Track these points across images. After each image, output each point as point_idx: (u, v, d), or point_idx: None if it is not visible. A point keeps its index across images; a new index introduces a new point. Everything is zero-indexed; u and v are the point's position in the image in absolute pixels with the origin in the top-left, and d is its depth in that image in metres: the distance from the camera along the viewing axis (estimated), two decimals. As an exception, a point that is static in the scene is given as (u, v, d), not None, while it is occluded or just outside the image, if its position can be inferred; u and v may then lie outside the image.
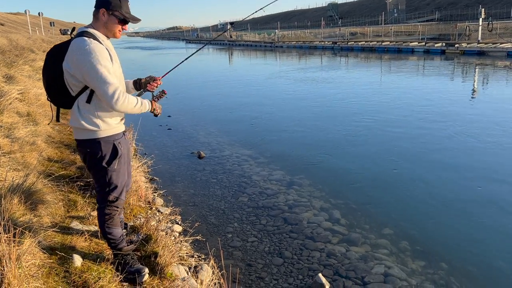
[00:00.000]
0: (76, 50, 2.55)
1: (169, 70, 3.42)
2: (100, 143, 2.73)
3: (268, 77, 20.40)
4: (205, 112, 12.20)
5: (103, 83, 2.54)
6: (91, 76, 2.54)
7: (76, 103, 2.69)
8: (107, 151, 2.77)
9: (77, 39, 2.59)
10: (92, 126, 2.69)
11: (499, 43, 28.31)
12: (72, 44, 2.59)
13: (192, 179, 6.51)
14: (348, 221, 4.95)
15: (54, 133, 6.62)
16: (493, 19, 33.08)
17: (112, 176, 2.82)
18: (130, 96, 2.69)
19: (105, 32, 2.72)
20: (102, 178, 2.82)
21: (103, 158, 2.76)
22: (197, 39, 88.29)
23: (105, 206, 2.89)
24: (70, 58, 2.59)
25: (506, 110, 10.82)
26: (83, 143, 2.77)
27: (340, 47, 40.81)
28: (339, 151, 7.74)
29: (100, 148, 2.74)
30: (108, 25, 2.69)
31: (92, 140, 2.73)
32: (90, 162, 2.82)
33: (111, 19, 2.68)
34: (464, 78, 18.18)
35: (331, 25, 76.40)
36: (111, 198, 2.87)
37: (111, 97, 2.55)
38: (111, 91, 2.55)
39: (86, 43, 2.55)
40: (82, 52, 2.53)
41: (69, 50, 2.60)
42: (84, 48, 2.53)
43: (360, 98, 13.49)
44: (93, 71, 2.52)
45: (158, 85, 3.15)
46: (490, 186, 5.90)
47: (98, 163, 2.78)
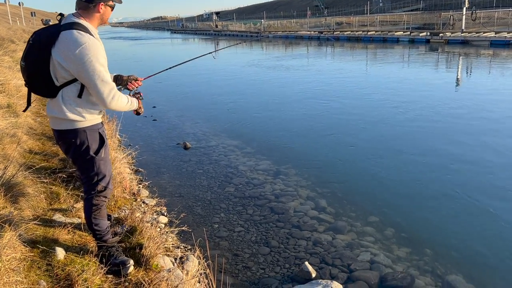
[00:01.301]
0: (73, 46, 2.48)
1: (152, 74, 3.42)
2: (86, 132, 2.71)
3: (250, 65, 20.30)
4: (190, 103, 12.10)
5: (100, 83, 2.53)
6: (89, 75, 2.51)
7: (60, 93, 2.62)
8: (94, 140, 2.76)
9: (71, 33, 2.50)
10: (77, 116, 2.65)
11: (482, 32, 28.61)
12: (66, 37, 2.50)
13: (178, 170, 6.46)
14: (334, 210, 4.97)
15: (35, 125, 6.48)
16: (476, 9, 33.37)
17: (100, 165, 2.81)
18: (122, 94, 2.71)
19: (99, 23, 2.72)
20: (90, 168, 2.80)
21: (89, 147, 2.74)
22: (182, 29, 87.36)
23: (93, 196, 2.85)
24: (64, 52, 2.50)
25: (489, 97, 10.95)
26: (66, 133, 2.71)
27: (326, 37, 40.79)
28: (325, 141, 7.75)
29: (87, 137, 2.71)
30: (104, 16, 2.71)
31: (76, 130, 2.69)
32: (75, 153, 2.76)
33: (107, 10, 2.70)
34: (448, 67, 18.34)
35: (317, 14, 76.31)
36: (100, 188, 2.85)
37: (107, 96, 2.57)
38: (107, 91, 2.56)
39: (83, 39, 2.49)
40: (80, 50, 2.47)
41: (62, 42, 2.51)
42: (81, 45, 2.47)
43: (352, 88, 13.51)
44: (91, 71, 2.50)
45: (139, 86, 3.13)
46: (473, 173, 5.97)
47: (85, 153, 2.74)
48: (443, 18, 35.00)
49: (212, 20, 76.10)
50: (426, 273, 3.76)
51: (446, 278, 3.68)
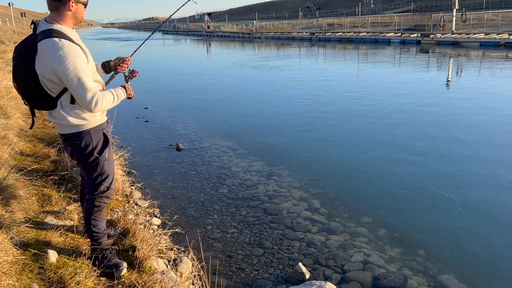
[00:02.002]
0: (49, 56, 2.43)
1: (136, 49, 3.34)
2: (91, 133, 2.71)
3: (245, 66, 20.31)
4: (183, 103, 12.06)
5: (81, 90, 2.47)
6: (69, 83, 2.47)
7: (59, 103, 2.61)
8: (98, 140, 2.76)
9: (47, 42, 2.45)
10: (80, 120, 2.66)
11: (472, 33, 28.88)
12: (43, 47, 2.45)
13: (171, 171, 6.44)
14: (327, 210, 4.98)
15: (26, 127, 6.42)
16: (466, 10, 33.69)
17: (104, 165, 2.82)
18: (107, 94, 2.63)
19: (74, 22, 2.64)
20: (94, 169, 2.80)
21: (94, 148, 2.75)
22: (174, 30, 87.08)
23: (95, 197, 2.86)
24: (44, 63, 2.47)
25: (479, 97, 11.06)
26: (71, 136, 2.71)
27: (318, 38, 40.92)
28: (318, 141, 7.77)
29: (91, 138, 2.72)
30: (77, 14, 2.62)
31: (81, 133, 2.69)
32: (80, 154, 2.76)
33: (79, 7, 2.61)
34: (439, 67, 18.49)
35: (309, 16, 76.54)
36: (103, 188, 2.85)
37: (90, 103, 2.51)
38: (89, 97, 2.49)
39: (58, 46, 2.43)
40: (56, 58, 2.41)
41: (40, 54, 2.47)
42: (57, 53, 2.41)
43: (347, 90, 13.56)
44: (71, 78, 2.44)
45: (128, 65, 3.07)
46: (465, 172, 6.03)
47: (89, 154, 2.75)
48: (434, 19, 35.27)
49: (204, 21, 75.98)
50: (418, 273, 3.79)
51: (439, 278, 3.70)
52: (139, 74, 3.08)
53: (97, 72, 2.86)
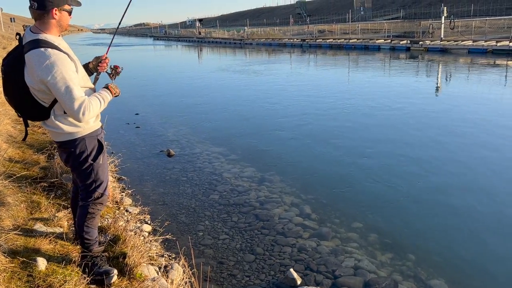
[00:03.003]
0: (37, 66, 2.41)
1: (109, 45, 3.30)
2: (85, 140, 2.71)
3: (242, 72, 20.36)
4: (174, 109, 12.03)
5: (68, 99, 2.45)
6: (56, 92, 2.45)
7: (52, 112, 2.60)
8: (93, 147, 2.76)
9: (34, 52, 2.43)
10: (74, 128, 2.65)
11: (461, 40, 29.27)
12: (30, 59, 2.43)
13: (162, 177, 6.41)
14: (319, 216, 5.00)
15: (15, 133, 6.36)
16: (454, 18, 34.16)
17: (98, 172, 2.81)
18: (93, 100, 2.58)
19: (59, 30, 2.61)
20: (88, 175, 2.79)
21: (89, 155, 2.74)
22: (165, 36, 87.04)
23: (89, 204, 2.85)
24: (32, 75, 2.45)
25: (469, 104, 11.20)
26: (65, 143, 2.71)
27: (308, 45, 41.17)
28: (309, 147, 7.80)
29: (86, 145, 2.72)
30: (61, 22, 2.59)
31: (75, 140, 2.69)
32: (75, 161, 2.76)
33: (63, 15, 2.58)
34: (428, 73, 18.70)
35: (300, 22, 77.06)
36: (97, 195, 2.85)
37: (77, 112, 2.48)
38: (76, 106, 2.46)
39: (45, 56, 2.41)
40: (44, 68, 2.39)
41: (28, 65, 2.45)
42: (45, 64, 2.39)
43: (337, 96, 13.64)
44: (58, 87, 2.42)
45: (107, 63, 3.01)
46: (455, 177, 6.09)
47: (84, 161, 2.74)
48: (423, 26, 35.71)
49: (195, 27, 76.08)
50: (409, 278, 3.81)
51: (429, 283, 3.73)
52: (122, 68, 3.03)
53: (88, 78, 2.85)
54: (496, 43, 26.23)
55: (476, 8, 58.07)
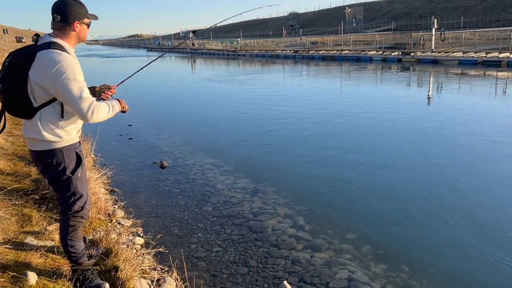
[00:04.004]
0: (49, 65, 2.47)
1: (124, 79, 3.37)
2: (63, 152, 2.70)
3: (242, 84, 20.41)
4: (167, 120, 12.02)
5: (79, 99, 2.51)
6: (67, 93, 2.50)
7: (38, 114, 2.60)
8: (71, 160, 2.74)
9: (48, 52, 2.50)
10: (54, 137, 2.65)
11: (451, 52, 29.66)
12: (43, 57, 2.50)
13: (154, 189, 6.38)
14: (312, 227, 4.99)
15: (6, 145, 6.32)
16: (445, 29, 34.65)
17: (77, 185, 2.79)
18: (102, 105, 2.66)
19: (76, 41, 2.74)
20: (67, 188, 2.77)
21: (66, 167, 2.72)
22: (159, 47, 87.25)
23: (69, 217, 2.81)
24: (42, 72, 2.49)
25: (459, 113, 11.31)
26: (43, 154, 2.69)
27: (301, 56, 41.47)
28: (302, 158, 7.81)
29: (63, 157, 2.70)
30: (80, 34, 2.73)
31: (53, 150, 2.67)
32: (52, 173, 2.74)
33: (83, 28, 2.72)
34: (420, 84, 18.89)
35: (292, 34, 77.67)
36: (77, 208, 2.81)
37: (87, 111, 2.54)
38: (86, 106, 2.53)
39: (60, 58, 2.49)
40: (57, 68, 2.47)
41: (39, 62, 2.51)
42: (59, 64, 2.47)
43: (331, 106, 13.71)
44: (69, 88, 2.48)
45: (113, 94, 3.12)
46: (448, 188, 6.12)
47: (61, 173, 2.72)
48: (414, 38, 36.14)
49: (189, 39, 76.38)
50: (403, 289, 3.80)
51: (423, 294, 3.72)
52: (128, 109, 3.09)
53: None
54: (486, 55, 26.60)
55: (466, 20, 58.98)
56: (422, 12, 76.36)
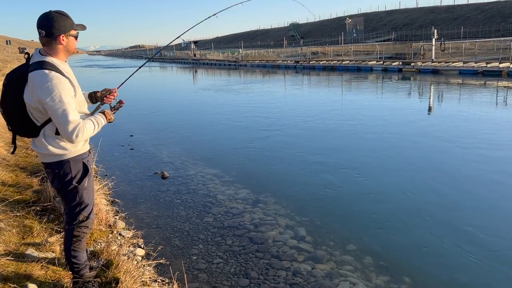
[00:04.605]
0: (38, 86, 2.49)
1: (123, 81, 3.41)
2: (70, 162, 2.74)
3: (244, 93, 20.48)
4: (168, 131, 12.04)
5: (63, 122, 2.52)
6: (53, 114, 2.52)
7: (42, 132, 2.66)
8: (78, 170, 2.78)
9: (38, 73, 2.52)
10: (61, 150, 2.69)
11: (451, 62, 29.79)
12: (33, 78, 2.52)
13: (156, 200, 6.38)
14: (313, 238, 4.98)
15: (8, 156, 6.34)
16: (445, 40, 34.84)
17: (83, 195, 2.82)
18: (87, 124, 2.65)
19: (66, 55, 2.72)
20: (73, 198, 2.81)
21: (73, 177, 2.76)
22: (161, 58, 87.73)
23: (74, 227, 2.85)
24: (32, 93, 2.53)
25: (461, 123, 11.33)
26: (51, 165, 2.74)
27: (302, 66, 41.67)
28: (303, 168, 7.81)
29: (70, 167, 2.74)
30: (68, 47, 2.70)
31: (61, 162, 2.72)
32: (59, 183, 2.78)
33: (70, 40, 2.69)
34: (422, 94, 18.94)
35: (293, 44, 78.11)
36: (81, 218, 2.85)
37: (71, 134, 2.54)
38: (70, 128, 2.53)
39: (48, 78, 2.49)
40: (44, 89, 2.48)
41: (30, 84, 2.54)
42: (46, 85, 2.48)
43: (331, 116, 13.74)
44: (55, 109, 2.49)
45: (115, 97, 3.13)
46: (451, 200, 6.11)
47: (68, 183, 2.76)
48: (414, 48, 36.37)
49: (190, 49, 76.86)
50: (404, 301, 3.78)
51: (425, 306, 3.70)
52: (124, 103, 3.13)
53: (85, 103, 2.90)
54: (486, 65, 26.70)
55: (466, 30, 59.32)
56: (422, 22, 76.85)
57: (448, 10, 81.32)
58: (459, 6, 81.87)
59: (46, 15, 2.59)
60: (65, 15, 2.64)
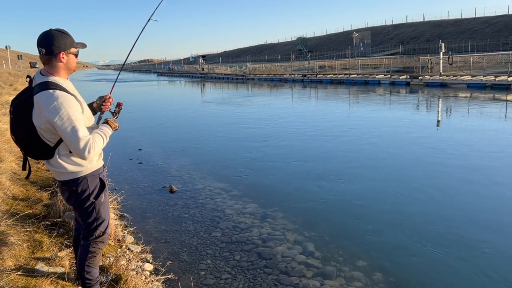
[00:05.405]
0: (45, 108, 2.50)
1: (113, 85, 3.42)
2: (87, 179, 2.76)
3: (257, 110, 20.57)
4: (176, 145, 12.10)
5: (74, 139, 2.52)
6: (62, 133, 2.53)
7: (56, 152, 2.67)
8: (95, 185, 2.81)
9: (43, 94, 2.53)
10: (77, 167, 2.71)
11: (459, 75, 29.73)
12: (39, 100, 2.53)
13: (164, 214, 6.39)
14: (322, 254, 4.94)
15: (19, 170, 6.40)
16: (453, 53, 34.85)
17: (100, 210, 2.85)
18: (96, 138, 2.66)
19: (67, 72, 2.73)
20: (90, 214, 2.83)
21: (91, 193, 2.78)
22: (169, 72, 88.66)
23: (90, 242, 2.87)
24: (40, 115, 2.55)
25: (472, 135, 11.26)
26: (68, 183, 2.76)
27: (309, 80, 41.83)
28: (312, 183, 7.79)
29: (88, 184, 2.76)
30: (69, 65, 2.71)
31: (78, 179, 2.74)
32: (77, 200, 2.80)
33: (70, 58, 2.70)
34: (430, 107, 18.88)
35: (300, 58, 78.57)
36: (98, 233, 2.87)
37: (83, 151, 2.55)
38: (82, 145, 2.54)
39: (53, 98, 2.50)
40: (51, 109, 2.49)
41: (36, 106, 2.55)
42: (52, 105, 2.49)
43: (342, 129, 13.74)
44: (64, 128, 2.50)
45: (111, 102, 3.11)
46: (462, 216, 6.04)
47: (86, 199, 2.78)
48: (422, 62, 36.39)
49: (199, 63, 77.61)
50: (415, 319, 3.72)
51: (436, 324, 3.64)
52: (123, 104, 3.13)
53: (92, 117, 2.94)
54: (495, 78, 26.62)
55: (474, 43, 59.29)
56: (429, 36, 77.01)
57: (455, 24, 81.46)
58: (467, 20, 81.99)
59: (46, 33, 2.61)
60: (65, 33, 2.65)
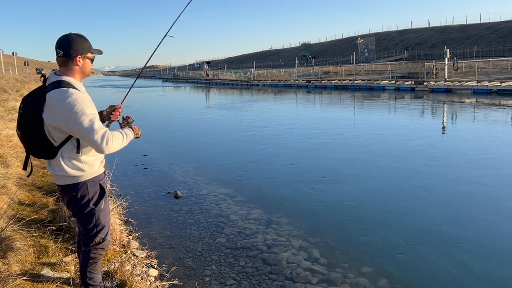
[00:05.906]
0: (59, 104, 2.53)
1: (125, 96, 3.46)
2: (87, 184, 2.76)
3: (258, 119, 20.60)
4: (181, 150, 12.14)
5: (91, 132, 2.53)
6: (78, 127, 2.53)
7: (59, 153, 2.68)
8: (95, 192, 2.80)
9: (56, 91, 2.56)
10: (77, 172, 2.71)
11: (465, 81, 29.65)
12: (52, 97, 2.56)
13: (169, 220, 6.40)
14: (328, 260, 4.92)
15: (25, 175, 6.44)
16: (458, 59, 34.76)
17: (99, 216, 2.84)
18: (116, 133, 2.69)
19: (81, 76, 2.78)
20: (89, 220, 2.83)
21: (91, 199, 2.78)
22: (174, 78, 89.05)
23: (90, 249, 2.87)
24: (53, 112, 2.56)
25: (477, 142, 11.21)
26: (68, 187, 2.76)
27: (314, 85, 41.86)
28: (316, 189, 7.78)
29: (87, 189, 2.76)
30: (84, 69, 2.76)
31: (78, 184, 2.74)
32: (76, 205, 2.80)
33: (86, 62, 2.75)
34: (435, 113, 18.83)
35: (305, 64, 78.70)
36: (98, 240, 2.87)
37: (101, 142, 2.55)
38: (99, 137, 2.55)
39: (67, 94, 2.54)
40: (66, 106, 2.52)
41: (49, 103, 2.57)
42: (67, 101, 2.52)
43: (348, 135, 13.73)
44: (80, 123, 2.52)
45: (120, 113, 3.16)
46: (466, 219, 6.01)
47: (85, 205, 2.78)
48: (427, 67, 36.36)
49: (203, 69, 77.93)
50: (422, 326, 3.69)
51: (443, 332, 3.61)
52: (133, 119, 3.13)
53: None
54: (500, 84, 26.53)
55: (479, 49, 59.15)
56: (434, 41, 76.98)
57: (460, 29, 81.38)
58: (471, 26, 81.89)
59: (66, 36, 2.68)
60: (84, 38, 2.73)
